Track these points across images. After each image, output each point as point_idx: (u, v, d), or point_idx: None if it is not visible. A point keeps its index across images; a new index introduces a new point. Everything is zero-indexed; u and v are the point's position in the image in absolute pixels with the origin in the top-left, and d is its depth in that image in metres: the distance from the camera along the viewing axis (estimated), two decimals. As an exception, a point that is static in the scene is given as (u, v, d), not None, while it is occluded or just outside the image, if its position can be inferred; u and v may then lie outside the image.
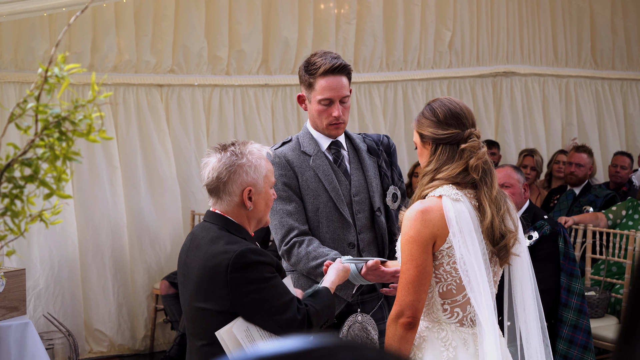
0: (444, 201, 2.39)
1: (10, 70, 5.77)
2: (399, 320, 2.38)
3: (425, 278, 2.37)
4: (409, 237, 2.38)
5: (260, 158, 2.53)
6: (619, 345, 0.83)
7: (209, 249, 2.46)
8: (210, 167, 2.51)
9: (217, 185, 2.50)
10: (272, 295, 2.44)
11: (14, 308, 4.36)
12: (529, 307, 2.55)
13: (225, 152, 2.51)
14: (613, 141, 8.21)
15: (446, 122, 2.45)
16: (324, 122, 3.08)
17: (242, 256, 2.40)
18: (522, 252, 2.53)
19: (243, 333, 2.42)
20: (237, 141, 2.56)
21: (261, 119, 6.68)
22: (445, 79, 7.51)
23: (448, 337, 2.43)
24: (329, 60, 3.04)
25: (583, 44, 8.20)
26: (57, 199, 1.44)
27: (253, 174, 2.50)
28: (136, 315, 6.23)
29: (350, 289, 3.00)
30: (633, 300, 0.82)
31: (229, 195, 2.51)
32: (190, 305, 2.51)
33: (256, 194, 2.52)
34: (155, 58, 6.26)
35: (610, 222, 5.69)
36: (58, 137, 1.42)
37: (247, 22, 6.52)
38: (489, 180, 2.46)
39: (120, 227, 6.10)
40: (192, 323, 2.53)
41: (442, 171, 2.44)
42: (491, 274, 2.45)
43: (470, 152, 2.44)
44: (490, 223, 2.40)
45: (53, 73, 1.41)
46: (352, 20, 6.94)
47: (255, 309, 2.43)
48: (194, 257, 2.51)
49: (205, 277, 2.44)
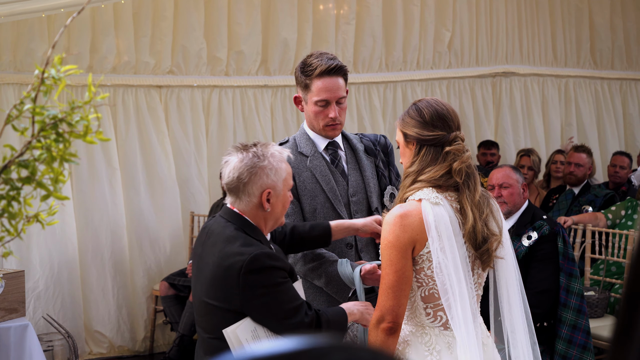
0: (423, 205, 2.37)
1: (9, 72, 5.78)
2: (380, 325, 2.37)
3: (405, 283, 2.35)
4: (388, 242, 2.37)
5: (281, 161, 2.56)
6: (614, 345, 0.83)
7: (225, 247, 2.50)
8: (232, 166, 2.53)
9: (237, 185, 2.54)
10: (282, 299, 2.47)
11: (13, 310, 4.36)
12: (515, 307, 2.54)
13: (247, 153, 2.53)
14: (612, 141, 8.22)
15: (432, 123, 2.43)
16: (321, 123, 3.08)
17: (256, 259, 2.44)
18: (506, 255, 2.51)
19: (250, 333, 2.45)
20: (259, 142, 2.59)
21: (260, 119, 6.69)
22: (445, 80, 7.52)
23: (432, 342, 2.41)
24: (325, 62, 3.04)
25: (582, 44, 8.21)
26: (54, 199, 1.44)
27: (273, 177, 2.53)
28: (136, 316, 6.23)
29: (346, 292, 3.00)
30: (627, 300, 0.82)
31: (248, 196, 2.54)
32: (201, 298, 2.55)
33: (274, 197, 2.55)
34: (154, 59, 6.27)
35: (610, 222, 5.69)
36: (55, 138, 1.42)
37: (247, 23, 6.52)
38: (471, 184, 2.43)
39: (120, 228, 6.10)
40: (201, 316, 2.58)
41: (425, 173, 2.42)
42: (472, 278, 2.43)
43: (455, 155, 2.42)
44: (472, 227, 2.38)
45: (50, 74, 1.41)
46: (352, 20, 6.94)
47: (265, 311, 2.46)
48: (209, 253, 2.55)
49: (218, 276, 2.48)
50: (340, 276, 2.88)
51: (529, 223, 4.39)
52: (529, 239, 4.32)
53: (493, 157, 7.29)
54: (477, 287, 2.49)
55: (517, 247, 4.28)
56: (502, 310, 2.55)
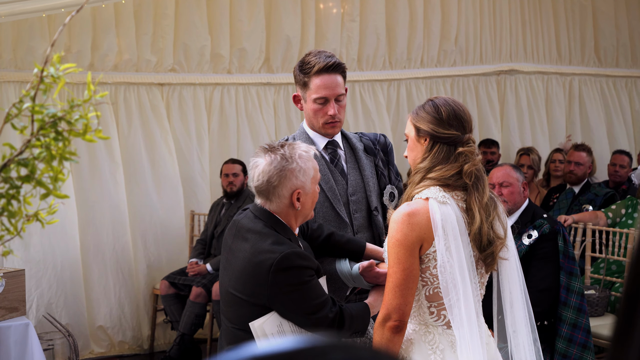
0: (430, 204, 2.37)
1: (10, 70, 5.77)
2: (386, 324, 2.37)
3: (412, 281, 2.36)
4: (395, 240, 2.38)
5: (308, 160, 2.61)
6: (615, 344, 0.83)
7: (256, 244, 2.55)
8: (261, 169, 2.58)
9: (267, 188, 2.59)
10: (309, 296, 2.53)
11: (14, 309, 4.36)
12: (517, 307, 2.54)
13: (275, 155, 2.57)
14: (621, 139, 8.15)
15: (449, 122, 2.43)
16: (320, 121, 3.08)
17: (287, 258, 2.49)
18: (510, 257, 2.52)
19: (276, 328, 2.53)
20: (286, 143, 2.63)
21: (264, 117, 6.66)
22: (449, 77, 7.49)
23: (435, 340, 2.42)
24: (323, 59, 3.04)
25: (586, 42, 8.15)
26: (54, 198, 1.44)
27: (302, 178, 2.59)
28: (137, 315, 6.23)
29: (344, 291, 3.00)
30: (627, 298, 0.82)
31: (279, 197, 2.59)
32: (228, 289, 2.61)
33: (304, 195, 2.61)
34: (156, 57, 6.25)
35: (610, 220, 5.69)
36: (54, 137, 1.42)
37: (249, 20, 6.49)
38: (480, 187, 2.44)
39: (122, 226, 6.09)
40: (227, 306, 2.64)
41: (435, 170, 2.42)
42: (477, 277, 2.44)
43: (467, 156, 2.42)
44: (478, 229, 2.39)
45: (49, 73, 1.40)
46: (355, 17, 6.91)
47: (291, 307, 2.53)
48: (240, 247, 2.60)
49: (248, 271, 2.54)
50: (339, 274, 2.88)
51: (530, 222, 4.39)
52: (530, 237, 4.32)
53: (493, 156, 7.29)
54: (480, 287, 2.50)
55: (517, 246, 4.28)
56: (505, 309, 2.56)
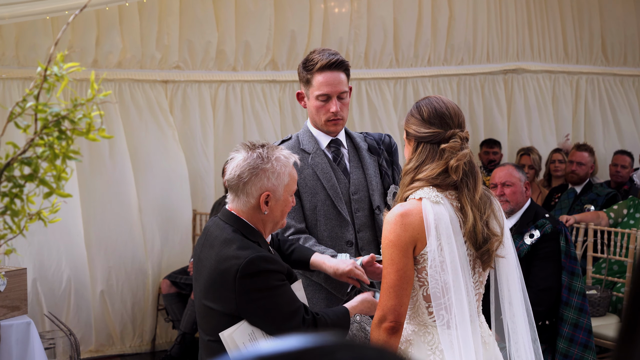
0: (423, 204, 2.37)
1: (13, 67, 5.76)
2: (382, 325, 2.37)
3: (407, 282, 2.36)
4: (389, 241, 2.37)
5: (285, 166, 2.55)
6: (619, 344, 0.83)
7: (221, 250, 2.50)
8: (235, 163, 2.55)
9: (237, 183, 2.54)
10: (279, 302, 2.47)
11: (15, 307, 4.35)
12: (516, 306, 2.53)
13: (252, 152, 2.54)
14: (630, 138, 8.10)
15: (429, 120, 2.43)
16: (322, 118, 3.09)
17: (251, 263, 2.44)
18: (508, 254, 2.51)
19: (247, 337, 2.45)
20: (268, 144, 2.60)
21: (270, 114, 6.65)
22: (456, 76, 7.47)
23: (435, 341, 2.41)
24: (326, 56, 3.05)
25: (594, 40, 8.11)
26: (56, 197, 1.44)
27: (274, 181, 2.53)
28: (138, 314, 6.22)
29: (345, 287, 3.01)
30: (633, 299, 0.82)
31: (247, 196, 2.54)
32: (200, 301, 2.56)
33: (273, 200, 2.55)
34: (160, 53, 6.24)
35: (612, 220, 5.69)
36: (57, 136, 1.42)
37: (254, 17, 6.47)
38: (471, 183, 2.42)
39: (126, 225, 6.07)
40: (201, 318, 2.60)
41: (423, 171, 2.42)
42: (473, 277, 2.44)
43: (450, 152, 2.41)
44: (472, 227, 2.38)
45: (52, 72, 1.40)
46: (363, 15, 6.90)
47: (261, 315, 2.47)
48: (207, 255, 2.55)
49: (215, 279, 2.49)
50: None
51: (531, 221, 4.39)
52: (531, 237, 4.32)
53: (495, 156, 7.28)
54: (479, 286, 2.49)
55: (519, 246, 4.28)
56: (504, 308, 2.55)
